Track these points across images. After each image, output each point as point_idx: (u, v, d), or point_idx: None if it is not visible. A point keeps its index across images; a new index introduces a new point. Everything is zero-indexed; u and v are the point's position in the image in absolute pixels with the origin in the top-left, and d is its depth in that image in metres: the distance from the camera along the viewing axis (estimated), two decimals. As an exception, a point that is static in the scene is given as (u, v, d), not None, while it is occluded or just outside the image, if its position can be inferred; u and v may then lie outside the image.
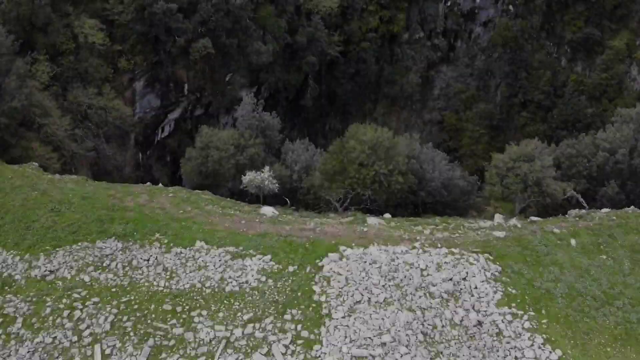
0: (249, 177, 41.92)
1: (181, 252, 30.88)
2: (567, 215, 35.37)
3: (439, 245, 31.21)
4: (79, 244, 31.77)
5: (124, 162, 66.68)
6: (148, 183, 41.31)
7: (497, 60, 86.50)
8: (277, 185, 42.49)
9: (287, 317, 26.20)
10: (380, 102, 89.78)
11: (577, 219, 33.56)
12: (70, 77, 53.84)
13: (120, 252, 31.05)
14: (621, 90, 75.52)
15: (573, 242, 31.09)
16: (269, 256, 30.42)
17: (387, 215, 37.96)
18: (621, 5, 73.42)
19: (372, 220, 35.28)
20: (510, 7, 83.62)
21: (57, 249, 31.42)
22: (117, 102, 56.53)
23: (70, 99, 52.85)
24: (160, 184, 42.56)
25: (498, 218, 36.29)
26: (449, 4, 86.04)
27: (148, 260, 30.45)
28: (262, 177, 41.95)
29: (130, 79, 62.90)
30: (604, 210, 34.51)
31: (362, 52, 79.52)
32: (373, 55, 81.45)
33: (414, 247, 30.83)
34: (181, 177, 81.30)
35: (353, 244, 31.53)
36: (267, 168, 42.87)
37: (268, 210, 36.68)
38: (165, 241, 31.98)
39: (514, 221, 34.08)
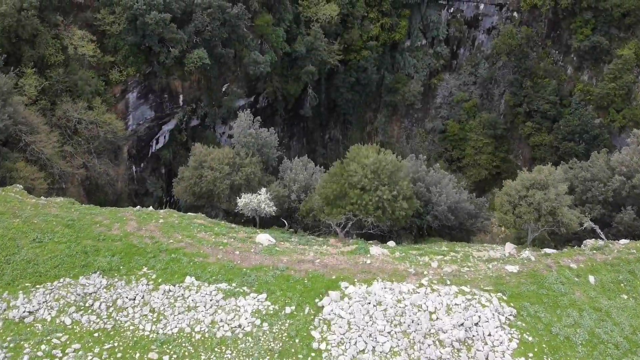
0: (245, 201, 39.80)
1: (170, 290, 28.66)
2: (582, 246, 33.19)
3: (448, 282, 29.02)
4: (61, 280, 29.55)
5: (117, 176, 64.45)
6: (138, 207, 39.04)
7: (501, 68, 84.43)
8: (274, 208, 40.37)
9: (284, 367, 24.04)
10: (381, 111, 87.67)
11: (594, 251, 31.37)
12: (59, 91, 51.60)
13: (105, 290, 28.84)
14: (629, 101, 73.38)
15: (591, 279, 28.90)
16: (264, 294, 28.23)
17: (391, 244, 35.80)
18: (630, 13, 71.21)
19: (375, 250, 33.10)
20: (515, 14, 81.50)
21: (38, 286, 29.21)
22: (108, 116, 54.25)
23: (59, 114, 50.62)
24: (150, 207, 40.32)
25: (509, 247, 34.05)
26: (451, 10, 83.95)
27: (134, 299, 28.24)
28: (258, 200, 39.83)
29: (123, 90, 60.69)
30: (623, 241, 32.33)
31: (362, 61, 77.39)
32: (374, 63, 79.32)
33: (421, 285, 28.62)
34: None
35: (355, 280, 29.35)
36: (263, 190, 40.74)
37: (264, 238, 34.48)
38: (153, 276, 29.77)
39: (527, 253, 31.87)
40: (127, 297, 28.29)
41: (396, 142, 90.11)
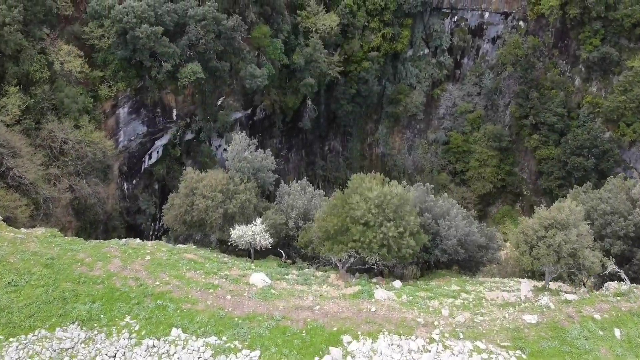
0: (238, 233, 37.11)
1: (154, 346, 26.00)
2: (604, 290, 30.56)
3: (462, 336, 26.37)
4: (36, 332, 26.89)
5: (107, 194, 61.79)
6: (124, 241, 36.39)
7: (507, 78, 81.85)
8: (270, 240, 37.68)
9: None
10: (382, 122, 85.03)
11: (618, 298, 28.75)
12: (44, 110, 48.91)
13: (83, 345, 26.18)
14: (640, 114, 70.85)
15: (617, 333, 26.28)
16: (257, 351, 25.58)
17: (397, 284, 33.16)
18: (641, 23, 68.75)
19: (380, 294, 30.46)
20: (521, 23, 78.90)
21: (11, 339, 26.55)
22: (97, 135, 51.59)
23: (44, 134, 47.93)
24: (137, 240, 37.68)
25: (525, 289, 31.42)
26: (455, 19, 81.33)
27: (114, 356, 25.57)
28: (253, 232, 37.14)
29: (113, 105, 58.04)
30: (649, 285, 29.73)
31: (363, 72, 74.74)
32: (375, 74, 76.67)
33: (432, 340, 25.98)
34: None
35: (359, 333, 26.71)
36: (258, 221, 38.07)
37: (258, 279, 31.82)
38: (137, 328, 27.10)
39: (545, 300, 29.22)
40: (106, 354, 25.65)
41: (397, 153, 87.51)
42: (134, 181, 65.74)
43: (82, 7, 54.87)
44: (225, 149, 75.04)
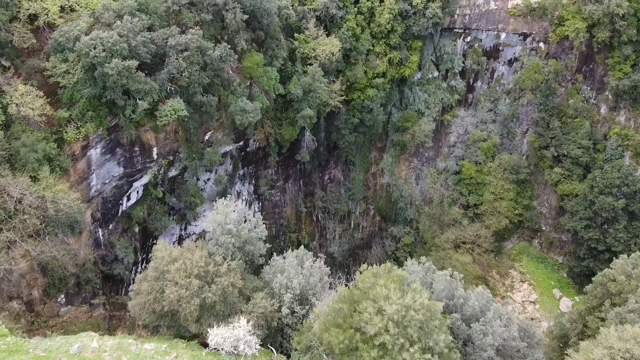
0: (217, 338, 29.82)
1: None
2: None
3: None
4: None
5: (79, 244, 54.57)
6: (77, 347, 29.07)
7: (525, 105, 74.50)
8: (257, 347, 30.42)
9: None
10: (387, 151, 77.69)
11: None
12: (-5, 162, 41.59)
13: None
14: (676, 150, 63.65)
15: None
16: None
17: None
18: (679, 50, 61.49)
19: None
20: (542, 45, 71.55)
21: None
22: (60, 187, 44.24)
23: (-8, 193, 40.60)
24: (94, 342, 30.40)
25: None
26: (468, 40, 73.98)
27: None
28: (236, 337, 29.87)
29: (83, 146, 50.62)
30: None
31: (367, 101, 67.35)
32: (380, 102, 69.29)
33: None
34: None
35: None
36: (243, 322, 30.77)
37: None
38: None
39: None
40: None
41: (404, 183, 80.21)
42: (110, 226, 58.37)
43: (45, 38, 47.44)
44: (217, 181, 67.83)
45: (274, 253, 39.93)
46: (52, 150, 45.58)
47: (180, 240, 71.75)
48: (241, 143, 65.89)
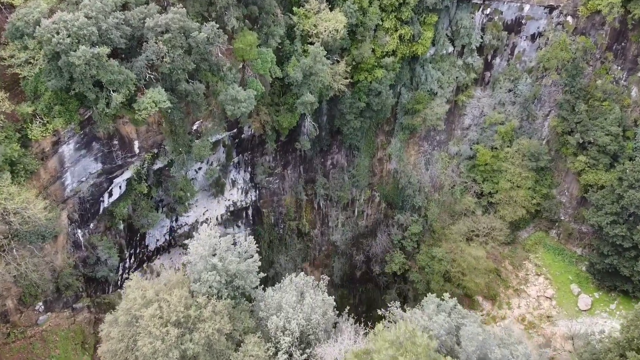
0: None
1: None
2: None
3: None
4: None
5: (55, 249, 49.56)
6: None
7: (548, 85, 67.61)
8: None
9: None
10: (395, 135, 71.41)
11: None
12: (-56, 170, 35.99)
13: None
14: None
15: None
16: None
17: None
18: None
19: None
20: (569, 19, 64.04)
21: None
22: (24, 196, 38.76)
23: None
24: None
25: None
26: (488, 12, 66.43)
27: None
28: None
29: (54, 142, 44.85)
30: None
31: (375, 83, 60.66)
32: (389, 83, 62.58)
33: None
34: (143, 241, 64.40)
35: None
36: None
37: None
38: None
39: None
40: None
41: (413, 169, 74.27)
42: (91, 225, 53.20)
43: (3, 21, 40.89)
44: (209, 170, 62.23)
45: (273, 246, 34.70)
46: (14, 153, 39.86)
47: (171, 232, 66.87)
48: (234, 130, 59.84)
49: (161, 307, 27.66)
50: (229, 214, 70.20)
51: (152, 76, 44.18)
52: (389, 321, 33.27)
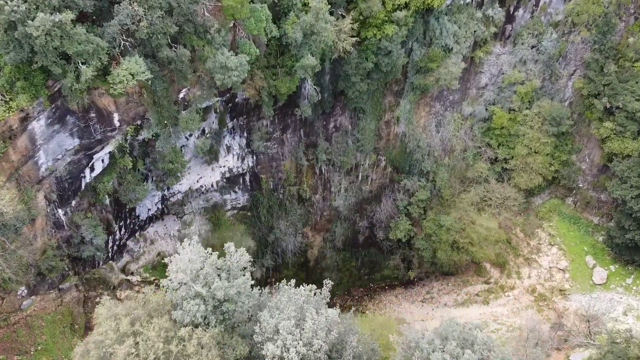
0: None
1: None
2: None
3: None
4: None
5: (33, 232, 45.58)
6: None
7: (576, 42, 60.87)
8: None
9: None
10: (406, 96, 65.41)
11: None
12: None
13: None
14: None
15: None
16: None
17: None
18: None
19: None
20: (606, -34, 56.35)
21: None
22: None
23: None
24: None
25: None
26: (513, -43, 58.55)
27: None
28: None
29: (22, 119, 39.74)
30: None
31: (385, 41, 54.14)
32: (401, 40, 55.99)
33: None
34: (133, 212, 60.24)
35: None
36: None
37: None
38: None
39: None
40: None
41: (422, 131, 68.83)
42: (73, 203, 48.98)
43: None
44: (204, 132, 57.17)
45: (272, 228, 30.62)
46: (-29, 136, 34.93)
47: (164, 201, 62.83)
48: (227, 95, 54.20)
49: (137, 344, 23.82)
50: (224, 180, 65.75)
51: (127, 43, 38.25)
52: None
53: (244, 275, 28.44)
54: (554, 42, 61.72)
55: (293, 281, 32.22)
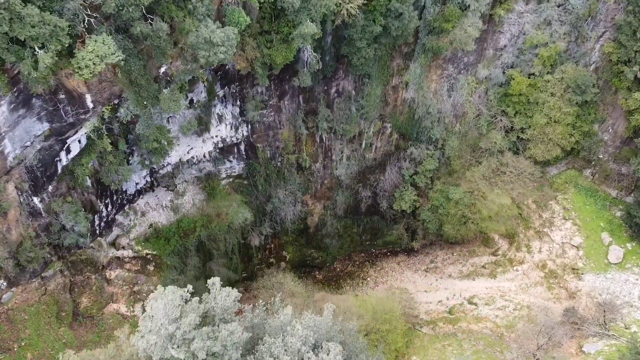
0: None
1: None
2: None
3: None
4: None
5: (6, 225, 41.74)
6: None
7: (608, 2, 54.05)
8: None
9: None
10: (416, 59, 59.30)
11: None
12: None
13: None
14: None
15: None
16: None
17: None
18: None
19: None
20: None
21: None
22: None
23: None
24: None
25: None
26: None
27: None
28: None
29: (-21, 104, 34.79)
30: None
31: (396, 1, 47.64)
32: (413, 3, 49.44)
33: None
34: (120, 188, 56.04)
35: None
36: None
37: None
38: None
39: None
40: None
41: (433, 96, 63.18)
42: (50, 188, 44.74)
43: None
44: (191, 102, 52.07)
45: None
46: None
47: (152, 174, 58.63)
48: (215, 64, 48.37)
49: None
50: (217, 151, 61.08)
51: (92, 20, 32.50)
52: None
53: (232, 320, 24.60)
54: (583, 1, 54.82)
55: (290, 309, 28.41)
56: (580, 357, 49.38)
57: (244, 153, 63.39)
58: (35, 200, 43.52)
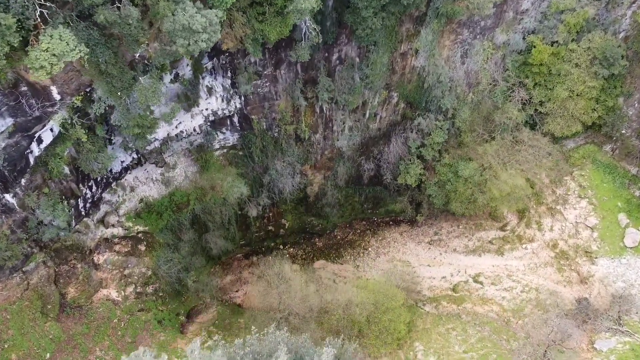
0: None
1: None
2: None
3: None
4: None
5: (-28, 225, 38.24)
6: None
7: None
8: None
9: None
10: (428, 24, 53.20)
11: None
12: None
13: None
14: None
15: None
16: None
17: None
18: None
19: None
20: None
21: None
22: None
23: None
24: None
25: None
26: None
27: None
28: None
29: None
30: None
31: (405, -33, 41.37)
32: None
33: None
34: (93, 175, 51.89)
35: None
36: None
37: None
38: None
39: None
40: None
41: (445, 63, 57.51)
42: (23, 181, 40.81)
43: None
44: (176, 76, 47.09)
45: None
46: None
47: (138, 152, 54.41)
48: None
49: None
50: (209, 124, 56.46)
51: (47, 12, 27.23)
52: None
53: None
54: (622, -41, 48.09)
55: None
56: (591, 353, 47.25)
57: (237, 125, 58.79)
58: (7, 196, 39.82)
